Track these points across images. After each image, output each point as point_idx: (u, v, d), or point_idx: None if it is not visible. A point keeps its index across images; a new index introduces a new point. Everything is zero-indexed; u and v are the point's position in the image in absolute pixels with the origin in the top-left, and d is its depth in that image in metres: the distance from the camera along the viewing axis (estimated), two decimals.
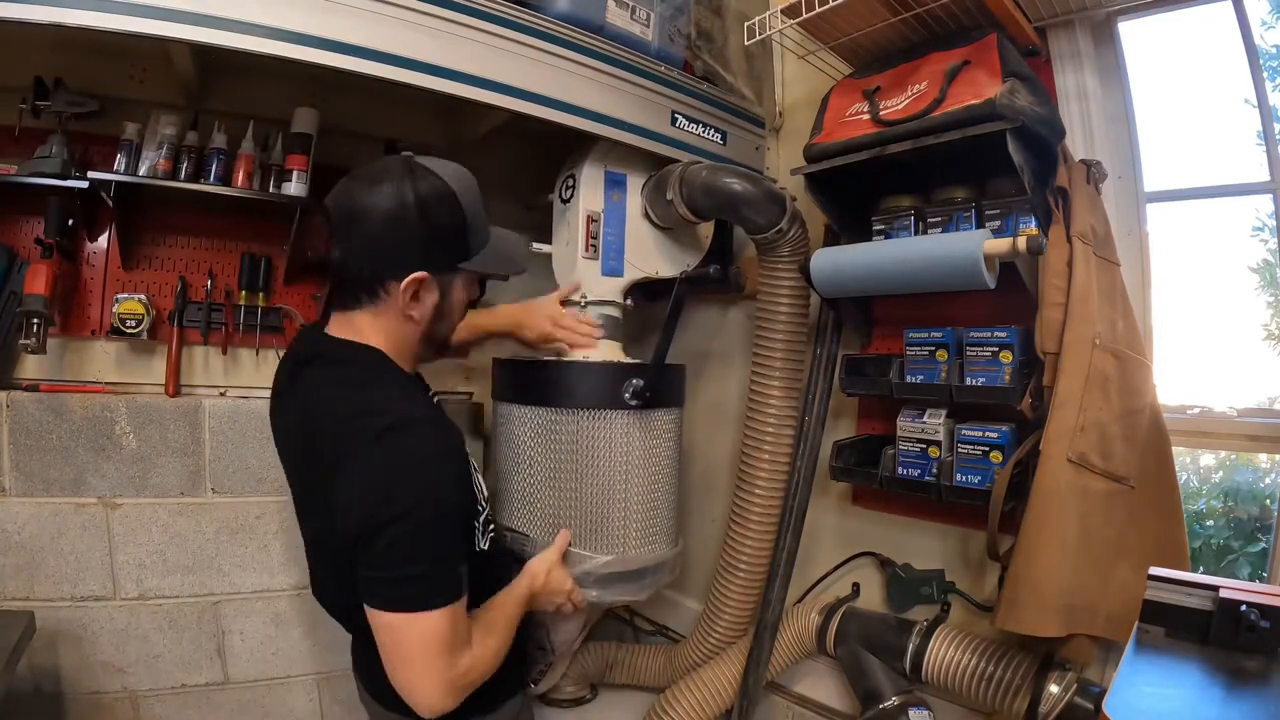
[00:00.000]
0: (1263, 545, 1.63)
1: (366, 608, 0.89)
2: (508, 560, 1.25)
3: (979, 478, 1.21)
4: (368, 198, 0.92)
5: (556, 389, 1.39)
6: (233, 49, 1.04)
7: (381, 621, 0.88)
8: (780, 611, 1.49)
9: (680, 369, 1.56)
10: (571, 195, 1.53)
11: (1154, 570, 0.84)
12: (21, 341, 1.34)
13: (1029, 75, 1.16)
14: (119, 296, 1.50)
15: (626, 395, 1.38)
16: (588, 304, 1.51)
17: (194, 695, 1.61)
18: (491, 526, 1.11)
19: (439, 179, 0.95)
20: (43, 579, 1.47)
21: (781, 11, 1.32)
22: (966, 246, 1.11)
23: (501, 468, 1.50)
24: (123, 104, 1.50)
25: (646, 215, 1.57)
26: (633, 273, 1.54)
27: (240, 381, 1.69)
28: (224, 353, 1.67)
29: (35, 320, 1.34)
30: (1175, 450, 1.16)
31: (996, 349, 1.19)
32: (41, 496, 1.47)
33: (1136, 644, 0.79)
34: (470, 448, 1.02)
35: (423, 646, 0.88)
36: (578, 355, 1.47)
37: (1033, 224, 1.17)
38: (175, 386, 1.58)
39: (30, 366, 1.50)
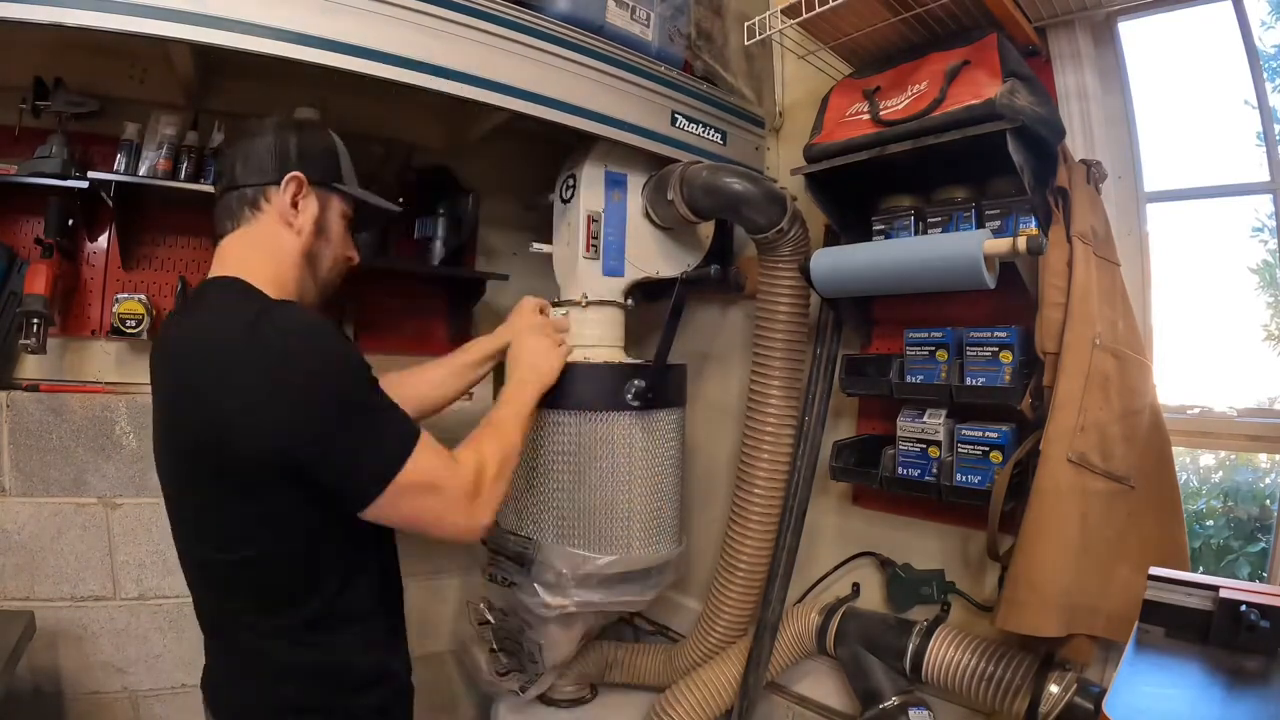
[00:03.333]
0: (1263, 545, 1.64)
1: (360, 509, 0.86)
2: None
3: (979, 478, 1.21)
4: (249, 133, 1.00)
5: (558, 390, 1.39)
6: (233, 49, 1.04)
7: (383, 500, 0.86)
8: (780, 611, 1.49)
9: (681, 369, 1.56)
10: (572, 195, 1.53)
11: (1154, 570, 0.84)
12: (21, 341, 1.34)
13: (1029, 75, 1.16)
14: (119, 296, 1.50)
15: (628, 396, 1.38)
16: (589, 303, 1.51)
17: (194, 695, 1.59)
18: None
19: (319, 124, 1.07)
20: (43, 579, 1.47)
21: (781, 11, 1.32)
22: (966, 246, 1.11)
23: None
24: (123, 104, 1.50)
25: (647, 215, 1.57)
26: (633, 273, 1.54)
27: None
28: None
29: (35, 320, 1.34)
30: (1175, 450, 1.16)
31: (996, 349, 1.19)
32: (41, 496, 1.47)
33: (1136, 644, 0.79)
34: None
35: (432, 486, 0.90)
36: (578, 356, 1.47)
37: (1033, 224, 1.17)
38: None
39: (30, 366, 1.50)
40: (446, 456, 0.94)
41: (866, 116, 1.29)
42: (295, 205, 0.99)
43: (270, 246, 0.98)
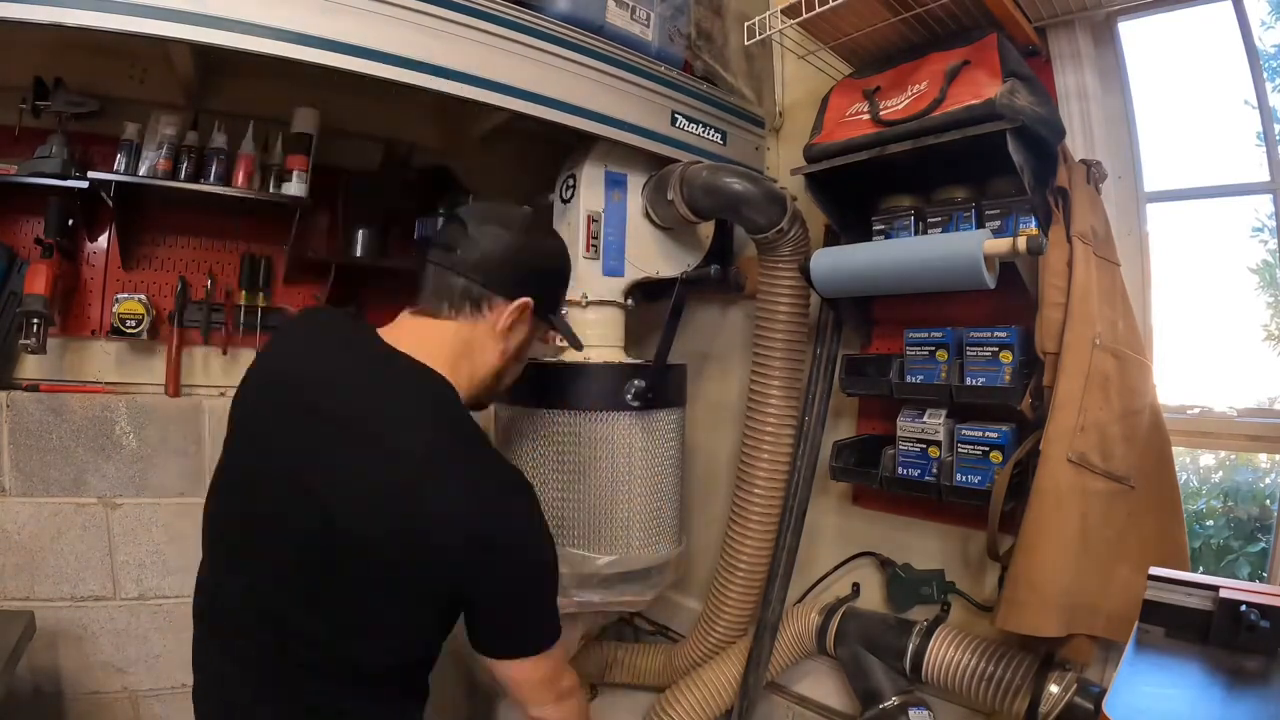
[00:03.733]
0: (1263, 545, 1.63)
1: (487, 654, 0.93)
2: None
3: (979, 478, 1.21)
4: (505, 218, 0.98)
5: (559, 390, 1.39)
6: (233, 49, 1.04)
7: (518, 668, 0.94)
8: (780, 611, 1.49)
9: (681, 369, 1.56)
10: (572, 195, 1.53)
11: (1154, 570, 0.84)
12: (21, 341, 1.34)
13: (1029, 75, 1.16)
14: (119, 296, 1.50)
15: (628, 396, 1.38)
16: (589, 304, 1.51)
17: None
18: None
19: (560, 241, 1.07)
20: (43, 579, 1.47)
21: (781, 11, 1.32)
22: (966, 246, 1.11)
23: None
24: (123, 104, 1.50)
25: (647, 215, 1.57)
26: (633, 273, 1.54)
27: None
28: (224, 353, 1.66)
29: (35, 320, 1.34)
30: (1175, 450, 1.16)
31: (996, 349, 1.19)
32: (41, 496, 1.47)
33: (1136, 644, 0.79)
34: None
35: (548, 675, 0.96)
36: (579, 356, 1.47)
37: (1033, 224, 1.17)
38: (175, 387, 1.58)
39: (30, 366, 1.50)
40: (568, 669, 1.01)
41: (866, 116, 1.29)
42: (511, 327, 0.97)
43: (474, 353, 0.96)
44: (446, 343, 0.93)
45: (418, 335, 0.93)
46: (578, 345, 1.14)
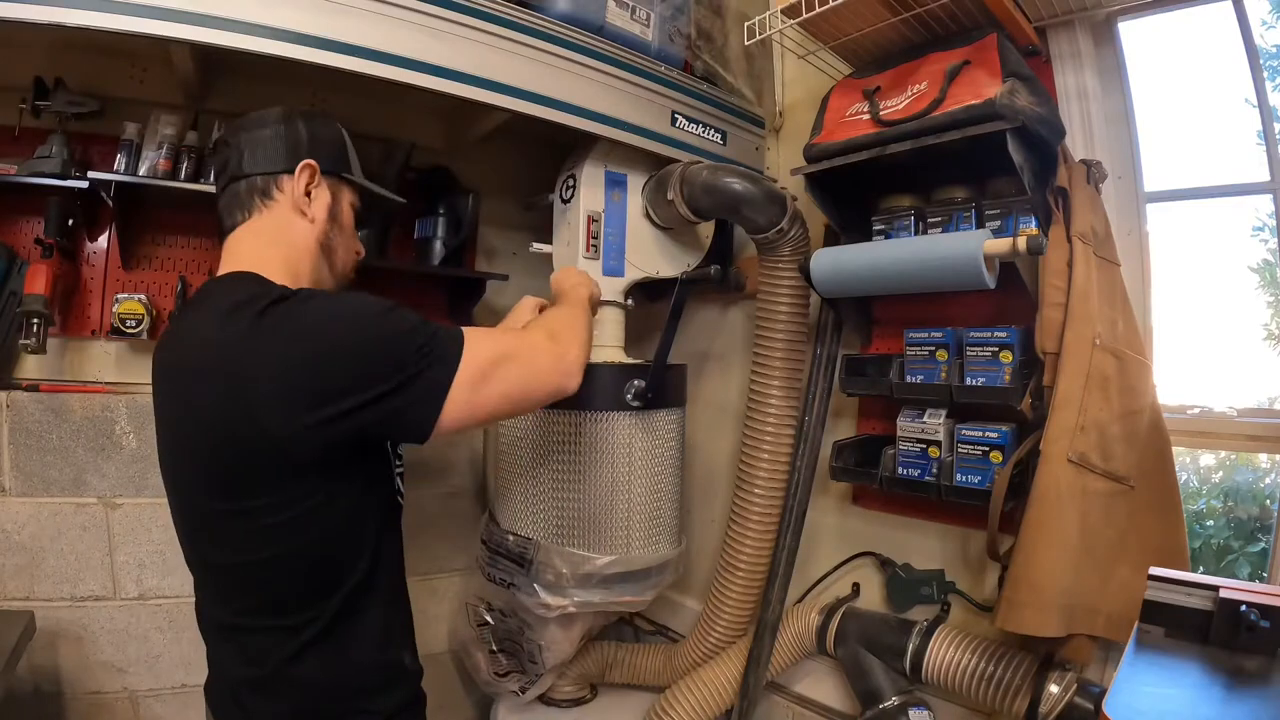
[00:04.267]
0: (1263, 545, 1.64)
1: (431, 430, 0.84)
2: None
3: (979, 478, 1.21)
4: (255, 122, 0.97)
5: None
6: (233, 49, 1.04)
7: (459, 400, 0.83)
8: (780, 611, 1.49)
9: (681, 369, 1.56)
10: (572, 195, 1.53)
11: (1154, 570, 0.84)
12: (21, 341, 1.34)
13: (1029, 75, 1.16)
14: (119, 296, 1.49)
15: (628, 396, 1.38)
16: None
17: (194, 695, 1.58)
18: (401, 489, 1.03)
19: (326, 117, 1.03)
20: (43, 579, 1.47)
21: (781, 11, 1.32)
22: (966, 246, 1.11)
23: (504, 470, 1.51)
24: (123, 104, 1.49)
25: (647, 215, 1.57)
26: (633, 273, 1.54)
27: None
28: None
29: (35, 320, 1.34)
30: (1175, 450, 1.16)
31: (996, 349, 1.19)
32: (41, 496, 1.46)
33: (1136, 644, 0.79)
34: (469, 451, 1.02)
35: (501, 358, 0.88)
36: None
37: (1033, 224, 1.17)
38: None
39: (30, 366, 1.50)
40: (499, 330, 0.96)
41: (866, 116, 1.29)
42: (309, 194, 0.96)
43: (284, 237, 0.95)
44: (247, 242, 0.94)
45: (229, 254, 0.94)
46: (394, 203, 1.13)
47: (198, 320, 0.87)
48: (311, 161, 0.96)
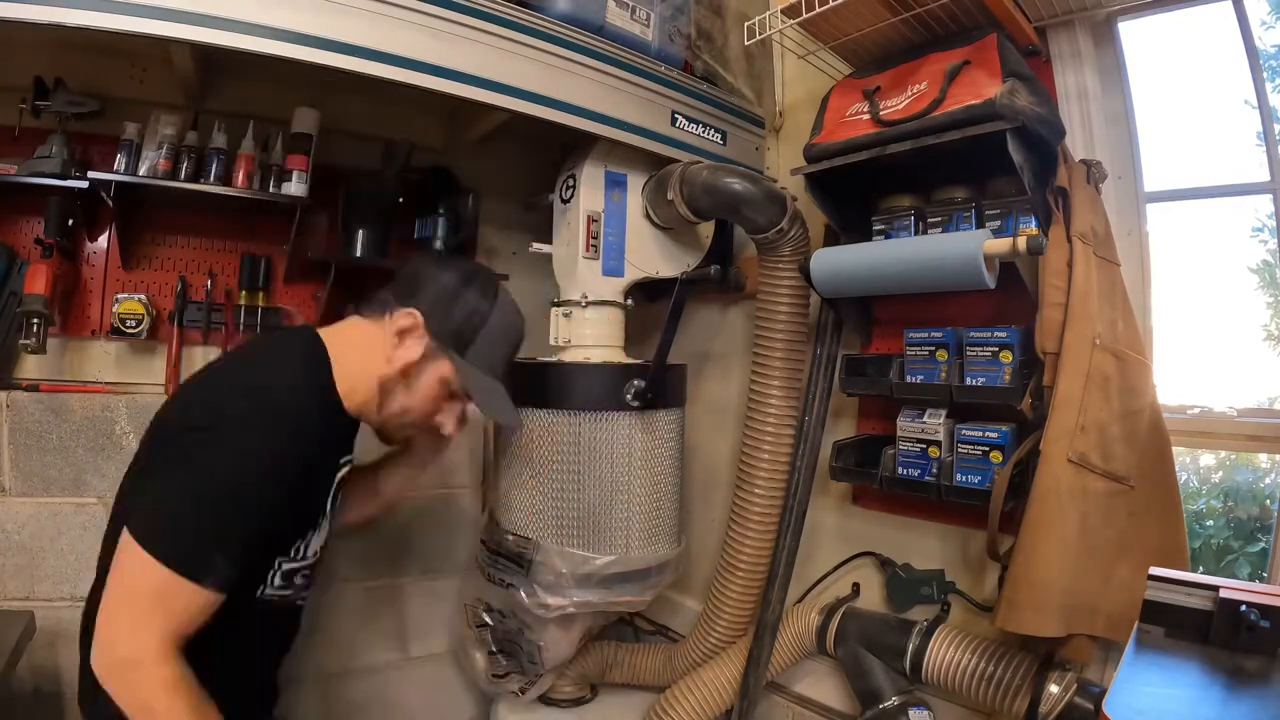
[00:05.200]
0: (1263, 545, 1.64)
1: (125, 532, 0.86)
2: (281, 622, 1.11)
3: (979, 478, 1.21)
4: (455, 267, 1.10)
5: (558, 391, 1.39)
6: (233, 49, 1.04)
7: (125, 549, 0.86)
8: (780, 611, 1.49)
9: (681, 369, 1.56)
10: (571, 195, 1.53)
11: (1154, 570, 0.84)
12: (21, 341, 1.34)
13: (1029, 75, 1.16)
14: (119, 296, 1.50)
15: (628, 396, 1.38)
16: (589, 304, 1.51)
17: None
18: (296, 580, 1.04)
19: (491, 300, 1.08)
20: (43, 579, 1.47)
21: (781, 11, 1.32)
22: (966, 246, 1.11)
23: (504, 470, 1.51)
24: (123, 104, 1.49)
25: (647, 215, 1.57)
26: (633, 273, 1.54)
27: None
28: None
29: (35, 320, 1.34)
30: (1175, 450, 1.16)
31: (996, 349, 1.19)
32: (41, 496, 1.46)
33: (1136, 644, 0.79)
34: (468, 451, 1.02)
35: (147, 593, 0.84)
36: (579, 356, 1.47)
37: (1033, 224, 1.17)
38: (175, 387, 1.57)
39: (30, 366, 1.49)
40: (181, 629, 0.85)
41: (867, 116, 1.29)
42: (401, 338, 1.01)
43: (365, 351, 1.03)
44: (351, 331, 1.05)
45: (338, 324, 1.07)
46: (483, 402, 1.11)
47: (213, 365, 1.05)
48: (415, 314, 1.02)
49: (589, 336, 1.51)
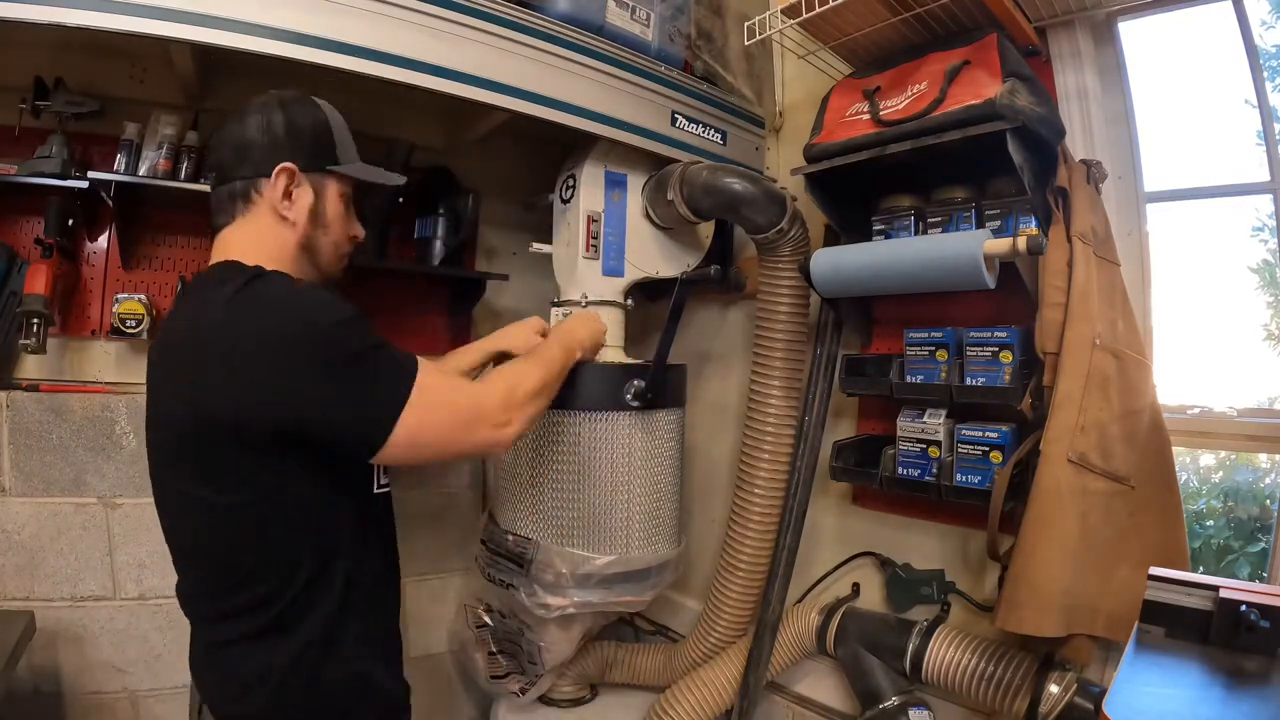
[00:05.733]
0: (1263, 545, 1.64)
1: (372, 454, 0.84)
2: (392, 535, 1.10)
3: (979, 478, 1.21)
4: (238, 118, 0.97)
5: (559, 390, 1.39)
6: (233, 49, 1.04)
7: (396, 440, 0.84)
8: (780, 611, 1.49)
9: (681, 369, 1.56)
10: (571, 195, 1.53)
11: (1154, 570, 0.84)
12: (21, 341, 1.34)
13: (1029, 75, 1.16)
14: (119, 296, 1.49)
15: (628, 396, 1.38)
16: (589, 304, 1.51)
17: None
18: (383, 480, 1.03)
19: (308, 101, 1.00)
20: (43, 579, 1.47)
21: (781, 11, 1.32)
22: (966, 246, 1.11)
23: (503, 470, 1.51)
24: (123, 104, 1.49)
25: (647, 215, 1.57)
26: (633, 273, 1.54)
27: None
28: None
29: (35, 320, 1.34)
30: (1175, 450, 1.16)
31: (996, 349, 1.19)
32: (41, 496, 1.46)
33: (1136, 644, 0.79)
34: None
35: (446, 410, 0.89)
36: None
37: (1033, 224, 1.17)
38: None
39: (30, 366, 1.49)
40: (455, 380, 0.99)
41: (866, 116, 1.29)
42: (289, 196, 0.95)
43: (266, 241, 0.95)
44: (232, 245, 0.95)
45: (216, 253, 0.96)
46: (390, 180, 1.09)
47: (178, 310, 0.95)
48: (288, 165, 0.94)
49: None
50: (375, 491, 1.00)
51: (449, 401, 0.91)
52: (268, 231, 0.96)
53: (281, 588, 0.87)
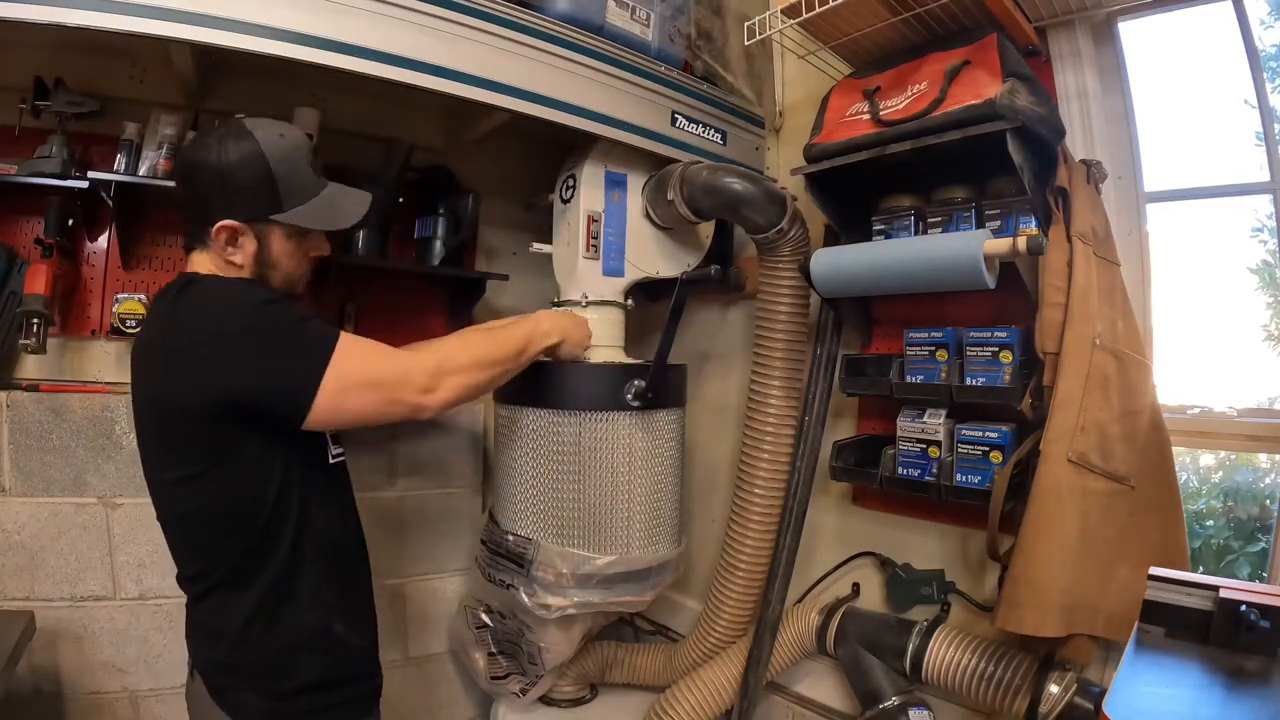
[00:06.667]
0: (1263, 545, 1.64)
1: (302, 421, 0.93)
2: (352, 508, 1.19)
3: (979, 478, 1.21)
4: (195, 153, 1.02)
5: (558, 390, 1.39)
6: (233, 49, 1.04)
7: (320, 405, 0.93)
8: (780, 611, 1.49)
9: (682, 369, 1.56)
10: (572, 195, 1.53)
11: (1154, 570, 0.84)
12: (21, 341, 1.34)
13: (1029, 75, 1.16)
14: (119, 296, 1.49)
15: (628, 396, 1.38)
16: (589, 304, 1.51)
17: None
18: (336, 450, 1.11)
19: (252, 142, 1.00)
20: (43, 579, 1.47)
21: (781, 11, 1.32)
22: (967, 246, 1.11)
23: (503, 470, 1.51)
24: (123, 104, 1.49)
25: (647, 215, 1.57)
26: (633, 273, 1.54)
27: None
28: None
29: (35, 320, 1.34)
30: (1175, 450, 1.16)
31: (996, 349, 1.19)
32: (41, 496, 1.46)
33: (1136, 644, 0.79)
34: (470, 451, 1.03)
35: (368, 380, 0.98)
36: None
37: (1033, 224, 1.17)
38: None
39: (30, 366, 1.49)
40: (381, 348, 1.02)
41: (867, 116, 1.29)
42: (233, 244, 1.02)
43: (224, 269, 1.04)
44: (199, 266, 1.04)
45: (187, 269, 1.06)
46: (330, 226, 1.11)
47: (147, 319, 1.11)
48: (226, 224, 0.99)
49: None
50: (330, 462, 1.08)
51: (370, 367, 0.99)
52: (223, 264, 1.04)
53: (235, 546, 0.97)
